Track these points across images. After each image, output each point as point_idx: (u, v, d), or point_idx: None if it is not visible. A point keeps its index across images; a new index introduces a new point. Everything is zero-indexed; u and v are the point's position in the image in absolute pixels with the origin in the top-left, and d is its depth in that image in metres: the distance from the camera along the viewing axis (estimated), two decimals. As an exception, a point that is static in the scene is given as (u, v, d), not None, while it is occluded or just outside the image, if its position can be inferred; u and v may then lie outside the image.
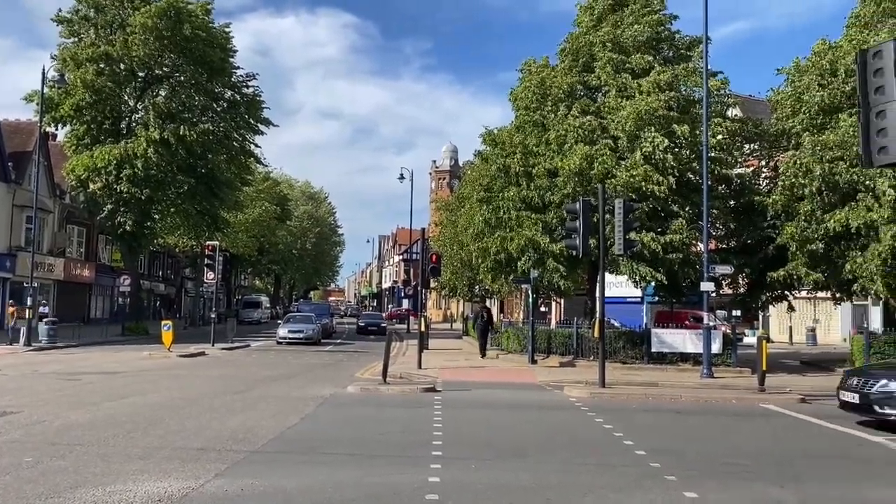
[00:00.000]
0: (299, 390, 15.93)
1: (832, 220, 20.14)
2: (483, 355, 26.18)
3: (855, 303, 29.75)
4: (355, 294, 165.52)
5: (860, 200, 20.02)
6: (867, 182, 19.80)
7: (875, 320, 33.03)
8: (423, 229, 27.72)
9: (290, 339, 32.89)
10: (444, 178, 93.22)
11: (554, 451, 9.69)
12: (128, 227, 37.06)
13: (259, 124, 40.54)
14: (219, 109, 39.83)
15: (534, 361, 23.55)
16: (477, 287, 44.18)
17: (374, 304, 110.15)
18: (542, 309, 44.19)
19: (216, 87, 39.06)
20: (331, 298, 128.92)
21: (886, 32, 20.00)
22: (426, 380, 17.94)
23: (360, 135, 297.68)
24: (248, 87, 40.08)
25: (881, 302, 23.78)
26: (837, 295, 24.65)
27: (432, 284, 42.20)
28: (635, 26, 23.64)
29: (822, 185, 20.60)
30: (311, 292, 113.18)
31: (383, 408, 13.55)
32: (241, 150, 40.92)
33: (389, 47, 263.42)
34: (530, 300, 26.10)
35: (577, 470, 8.52)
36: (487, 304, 55.00)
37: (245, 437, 10.06)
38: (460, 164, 72.89)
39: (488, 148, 26.95)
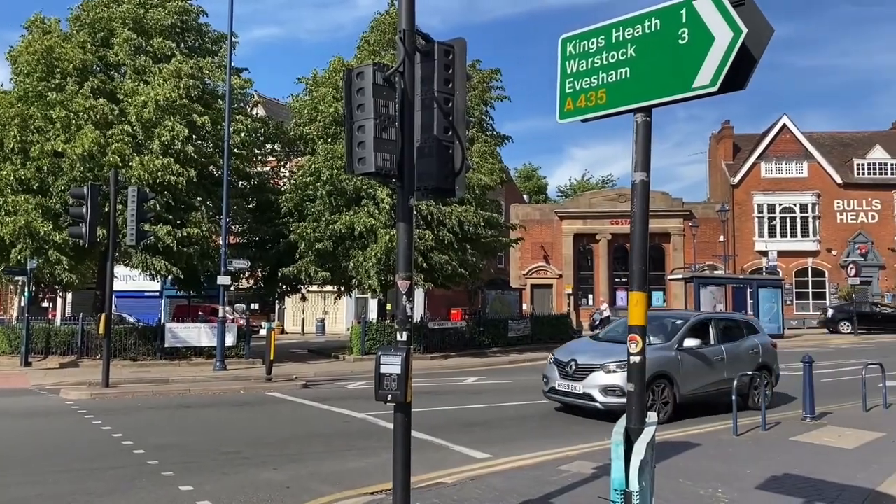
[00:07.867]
0: None
1: (339, 223, 22.34)
2: None
3: (358, 296, 33.42)
4: None
5: (364, 206, 22.63)
6: (370, 190, 22.48)
7: (373, 311, 37.66)
8: None
9: None
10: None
11: (36, 462, 8.67)
12: None
13: None
14: None
15: (28, 364, 20.77)
16: (-41, 279, 37.14)
17: None
18: (45, 304, 39.33)
19: None
20: None
21: (388, 60, 22.90)
22: None
23: None
24: None
25: (377, 295, 27.11)
26: (342, 289, 27.38)
27: None
28: (160, 9, 22.71)
29: (332, 189, 22.69)
30: None
31: None
32: None
33: None
34: (27, 294, 22.95)
35: (61, 479, 7.74)
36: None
37: None
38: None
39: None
